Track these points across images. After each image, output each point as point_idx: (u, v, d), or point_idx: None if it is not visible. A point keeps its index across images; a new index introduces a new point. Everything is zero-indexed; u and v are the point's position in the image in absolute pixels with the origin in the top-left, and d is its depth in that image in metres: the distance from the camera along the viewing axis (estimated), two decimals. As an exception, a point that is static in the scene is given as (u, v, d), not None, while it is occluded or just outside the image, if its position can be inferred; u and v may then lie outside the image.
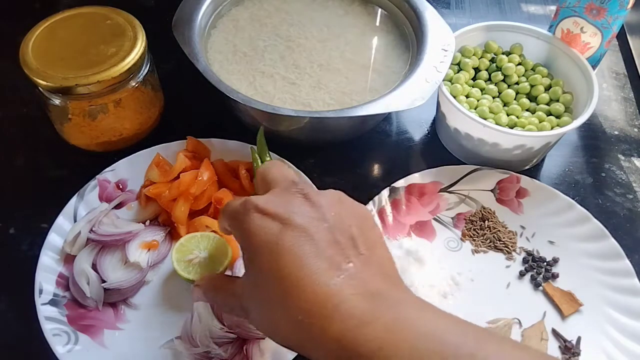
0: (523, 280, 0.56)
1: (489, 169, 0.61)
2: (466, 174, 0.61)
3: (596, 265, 0.56)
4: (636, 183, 0.65)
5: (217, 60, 0.63)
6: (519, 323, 0.53)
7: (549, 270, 0.56)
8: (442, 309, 0.51)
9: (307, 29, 0.67)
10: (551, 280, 0.56)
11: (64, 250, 0.54)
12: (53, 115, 0.60)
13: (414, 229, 0.59)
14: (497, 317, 0.53)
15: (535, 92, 0.63)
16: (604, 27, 0.62)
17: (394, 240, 0.58)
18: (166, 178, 0.58)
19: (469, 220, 0.60)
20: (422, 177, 0.61)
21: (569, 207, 0.59)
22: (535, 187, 0.60)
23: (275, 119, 0.59)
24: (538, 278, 0.56)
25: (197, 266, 0.52)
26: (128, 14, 0.60)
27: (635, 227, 0.61)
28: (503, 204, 0.61)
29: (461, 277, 0.56)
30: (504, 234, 0.58)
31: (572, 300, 0.54)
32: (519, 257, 0.57)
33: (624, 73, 0.77)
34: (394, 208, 0.59)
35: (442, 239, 0.59)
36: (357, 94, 0.61)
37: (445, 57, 0.60)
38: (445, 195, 0.61)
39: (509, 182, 0.61)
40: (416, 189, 0.61)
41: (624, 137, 0.70)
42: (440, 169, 0.62)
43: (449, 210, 0.61)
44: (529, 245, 0.58)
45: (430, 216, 0.60)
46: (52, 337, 0.49)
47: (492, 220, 0.59)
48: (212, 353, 0.49)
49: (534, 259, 0.57)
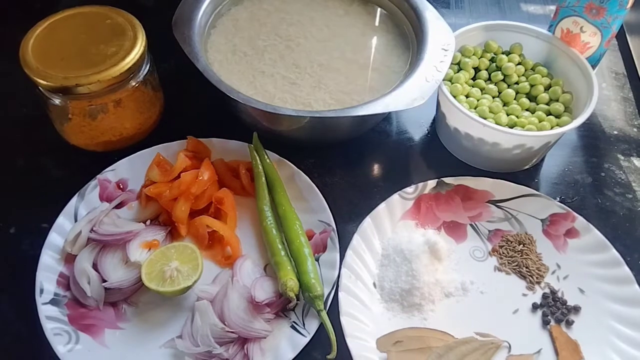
0: (534, 314, 0.53)
1: (547, 198, 0.59)
2: (521, 195, 0.59)
3: (619, 330, 0.52)
4: (635, 183, 0.65)
5: (217, 59, 0.64)
6: (508, 347, 0.51)
7: (566, 315, 0.53)
8: (439, 305, 0.53)
9: (306, 28, 0.67)
10: (563, 325, 0.53)
11: (64, 250, 0.54)
12: (53, 115, 0.60)
13: (446, 226, 0.59)
14: (488, 333, 0.52)
15: (535, 91, 0.63)
16: (604, 27, 0.62)
17: (421, 227, 0.58)
18: (167, 178, 0.58)
19: (506, 239, 0.58)
20: (476, 182, 0.59)
21: (616, 263, 0.54)
22: (589, 231, 0.57)
23: (275, 118, 0.59)
24: (549, 317, 0.53)
25: (170, 278, 0.51)
26: (128, 14, 0.60)
27: (634, 226, 0.62)
28: (548, 236, 0.58)
29: (472, 286, 0.55)
30: (534, 264, 0.56)
31: (575, 350, 0.51)
32: (540, 291, 0.55)
33: (623, 73, 0.77)
34: (434, 199, 0.59)
35: (469, 246, 0.58)
36: (357, 94, 0.62)
37: (445, 57, 0.60)
38: (492, 208, 0.59)
39: (562, 218, 0.58)
40: (464, 191, 0.59)
41: (624, 136, 0.70)
42: (496, 182, 0.59)
43: (490, 222, 0.59)
44: (556, 285, 0.55)
45: (468, 221, 0.59)
46: (53, 336, 0.49)
47: (529, 247, 0.57)
48: (213, 352, 0.49)
49: (555, 298, 0.54)
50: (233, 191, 0.59)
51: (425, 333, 0.51)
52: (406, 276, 0.53)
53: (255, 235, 0.58)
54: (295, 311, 0.52)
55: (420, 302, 0.53)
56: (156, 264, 0.52)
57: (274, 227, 0.56)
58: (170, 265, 0.52)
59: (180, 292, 0.51)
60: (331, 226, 0.55)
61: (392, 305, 0.53)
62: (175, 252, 0.53)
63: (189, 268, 0.52)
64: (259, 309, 0.51)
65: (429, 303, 0.53)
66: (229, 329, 0.49)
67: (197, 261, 0.53)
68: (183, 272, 0.52)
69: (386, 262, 0.55)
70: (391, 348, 0.50)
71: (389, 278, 0.54)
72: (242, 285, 0.52)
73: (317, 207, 0.57)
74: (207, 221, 0.56)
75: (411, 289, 0.53)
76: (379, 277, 0.55)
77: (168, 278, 0.51)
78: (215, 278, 0.55)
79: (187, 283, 0.51)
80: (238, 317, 0.50)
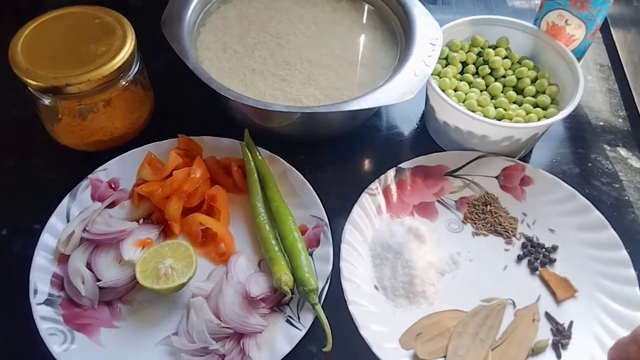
0: (520, 264, 0.57)
1: (495, 156, 0.62)
2: (472, 160, 0.62)
3: (594, 255, 0.56)
4: (622, 172, 0.67)
5: (207, 57, 0.64)
6: (512, 304, 0.54)
7: (547, 256, 0.57)
8: (439, 286, 0.54)
9: (295, 26, 0.67)
10: (548, 266, 0.57)
11: (57, 250, 0.54)
12: (43, 116, 0.59)
13: (417, 209, 0.60)
14: (491, 297, 0.54)
15: (521, 84, 0.64)
16: (588, 19, 0.63)
17: (396, 218, 0.59)
18: (158, 176, 0.58)
19: (472, 204, 0.61)
20: (429, 159, 0.62)
21: (571, 197, 0.59)
22: (540, 175, 0.61)
23: (266, 115, 0.59)
24: (535, 263, 0.57)
25: (164, 275, 0.51)
26: (116, 13, 0.60)
27: (621, 215, 0.63)
28: (507, 190, 0.62)
29: (460, 257, 0.57)
30: (505, 219, 0.59)
31: (567, 286, 0.55)
32: (518, 242, 0.58)
33: (608, 65, 0.79)
34: (399, 188, 0.61)
35: (443, 221, 0.60)
36: (347, 89, 0.62)
37: (433, 52, 0.61)
38: (450, 179, 0.62)
39: (514, 170, 0.62)
40: (422, 170, 0.62)
41: (609, 127, 0.71)
42: (447, 154, 0.62)
43: (453, 193, 0.62)
44: (529, 232, 0.59)
45: (434, 198, 0.61)
46: (48, 336, 0.49)
47: (495, 206, 0.60)
48: (209, 348, 0.49)
49: (533, 244, 0.58)
50: (225, 188, 0.59)
51: (438, 317, 0.53)
52: (403, 269, 0.54)
53: (248, 232, 0.58)
54: (290, 305, 0.52)
55: (423, 289, 0.54)
56: (150, 262, 0.52)
57: (267, 223, 0.56)
58: (165, 262, 0.52)
59: (175, 289, 0.52)
60: (324, 221, 0.56)
61: (399, 301, 0.54)
62: (169, 250, 0.53)
63: (183, 265, 0.52)
64: (254, 304, 0.51)
65: (430, 287, 0.54)
66: (224, 325, 0.50)
67: (191, 258, 0.53)
68: (177, 270, 0.52)
69: (378, 261, 0.56)
70: (414, 343, 0.51)
71: (387, 276, 0.54)
72: (236, 281, 0.53)
73: (309, 203, 0.58)
74: (200, 218, 0.56)
75: (411, 280, 0.53)
76: (378, 278, 0.55)
77: (162, 275, 0.51)
78: (209, 275, 0.55)
79: (181, 280, 0.51)
80: (233, 313, 0.50)
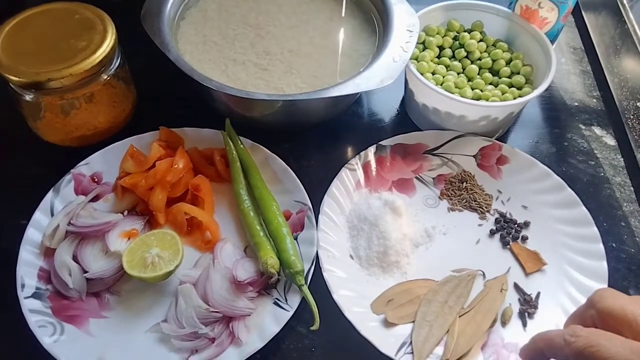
0: (493, 239, 0.59)
1: (473, 135, 0.64)
2: (451, 139, 0.64)
3: (565, 231, 0.58)
4: (597, 150, 0.68)
5: (188, 50, 0.64)
6: (482, 275, 0.56)
7: (519, 232, 0.59)
8: (413, 257, 0.56)
9: (275, 16, 0.68)
10: (520, 241, 0.59)
11: (43, 245, 0.54)
12: (26, 112, 0.60)
13: (395, 184, 0.62)
14: (462, 267, 0.56)
15: (497, 66, 0.65)
16: (560, 2, 0.65)
17: (375, 192, 0.61)
18: (141, 168, 0.58)
19: (449, 181, 0.63)
20: (409, 138, 0.63)
21: (545, 175, 0.61)
22: (515, 155, 0.63)
23: (249, 104, 0.60)
24: (507, 237, 0.59)
25: (151, 264, 0.52)
26: (96, 9, 0.60)
27: (598, 191, 0.64)
28: (483, 169, 0.63)
29: (434, 231, 0.59)
30: (480, 196, 0.61)
31: (537, 259, 0.57)
32: (492, 217, 0.60)
33: (580, 47, 0.80)
34: (378, 164, 0.62)
35: (421, 196, 0.62)
36: (328, 77, 0.63)
37: (410, 37, 0.62)
38: (429, 157, 0.64)
39: (491, 149, 0.63)
40: (402, 148, 0.63)
41: (584, 107, 0.73)
42: (426, 133, 0.64)
43: (431, 170, 0.63)
44: (503, 208, 0.61)
45: (413, 175, 0.63)
46: (37, 328, 0.49)
47: (471, 183, 0.62)
48: (199, 333, 0.49)
49: (506, 220, 0.60)
50: (209, 178, 0.60)
51: (410, 285, 0.55)
52: (378, 239, 0.55)
53: (233, 220, 0.59)
54: (277, 288, 0.53)
55: (397, 260, 0.55)
56: (137, 252, 0.53)
57: (252, 210, 0.57)
58: (151, 252, 0.52)
59: (162, 277, 0.52)
60: (307, 205, 0.57)
61: (373, 270, 0.55)
62: (155, 239, 0.54)
63: (170, 253, 0.53)
64: (241, 288, 0.52)
65: (403, 257, 0.56)
66: (213, 309, 0.50)
67: (178, 246, 0.53)
68: (164, 258, 0.53)
69: (355, 232, 0.57)
70: (385, 308, 0.53)
71: (362, 246, 0.56)
72: (223, 266, 0.53)
73: (292, 188, 0.58)
74: (184, 208, 0.57)
75: (386, 250, 0.55)
76: (353, 248, 0.57)
77: (150, 264, 0.52)
78: (196, 262, 0.55)
79: (169, 268, 0.52)
80: (221, 297, 0.51)
